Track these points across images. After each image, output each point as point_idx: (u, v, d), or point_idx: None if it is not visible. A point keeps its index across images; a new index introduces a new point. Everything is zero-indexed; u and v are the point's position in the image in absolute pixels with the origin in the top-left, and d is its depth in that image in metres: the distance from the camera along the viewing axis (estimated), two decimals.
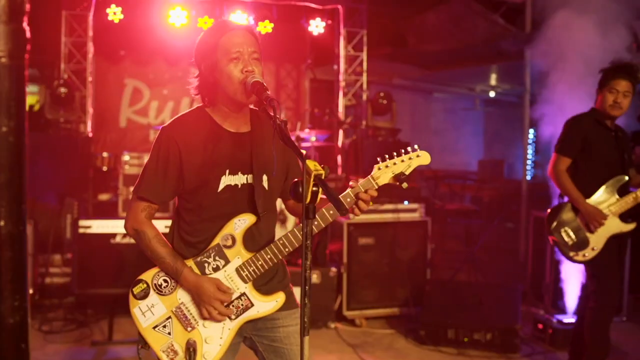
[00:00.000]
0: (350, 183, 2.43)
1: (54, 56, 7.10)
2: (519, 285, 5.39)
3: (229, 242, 2.38)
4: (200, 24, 7.32)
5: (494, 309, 5.02)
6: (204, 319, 2.38)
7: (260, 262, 2.38)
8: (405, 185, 2.45)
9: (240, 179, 2.40)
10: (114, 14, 7.03)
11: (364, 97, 7.72)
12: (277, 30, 7.72)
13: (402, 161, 2.43)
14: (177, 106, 9.24)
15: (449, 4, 7.56)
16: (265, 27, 7.46)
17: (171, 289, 2.39)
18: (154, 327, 2.38)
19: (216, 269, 2.38)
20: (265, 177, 2.45)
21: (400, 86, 10.96)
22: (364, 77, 7.82)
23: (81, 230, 4.91)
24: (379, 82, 10.34)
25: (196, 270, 2.37)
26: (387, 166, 2.43)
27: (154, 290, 2.39)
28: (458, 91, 11.28)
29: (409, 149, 2.49)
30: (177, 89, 9.19)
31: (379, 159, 2.46)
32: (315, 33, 7.67)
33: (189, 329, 2.38)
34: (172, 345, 2.39)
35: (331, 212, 2.41)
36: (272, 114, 2.10)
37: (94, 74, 9.01)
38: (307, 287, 1.87)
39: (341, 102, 7.83)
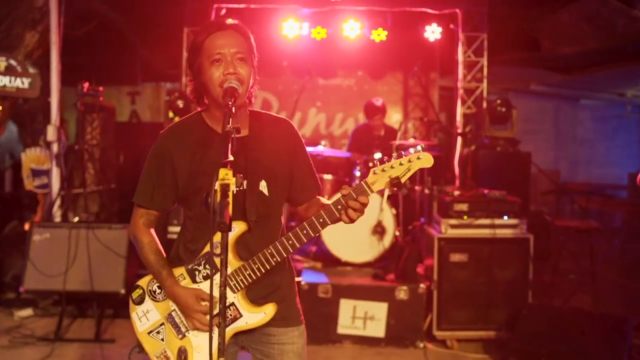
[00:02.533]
0: (342, 188, 2.26)
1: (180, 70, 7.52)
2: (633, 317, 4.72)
3: (219, 250, 2.31)
4: (314, 34, 7.37)
5: (597, 341, 4.43)
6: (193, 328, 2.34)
7: (248, 272, 2.29)
8: (404, 191, 2.23)
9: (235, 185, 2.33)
10: None
11: (485, 104, 7.27)
12: (402, 38, 7.60)
13: (401, 164, 2.19)
14: (304, 117, 9.41)
15: (580, 2, 6.87)
16: (379, 34, 7.31)
17: (164, 295, 2.38)
18: (149, 333, 2.39)
19: (207, 277, 2.32)
20: (264, 183, 2.35)
21: (539, 93, 10.20)
22: (484, 84, 7.37)
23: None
24: (513, 89, 9.72)
25: (187, 278, 2.33)
26: (383, 170, 2.21)
27: (149, 296, 2.40)
28: (607, 97, 10.23)
29: (410, 150, 2.26)
30: (305, 99, 9.36)
31: (375, 161, 2.25)
32: (431, 39, 7.38)
33: (181, 336, 2.35)
34: (165, 351, 2.38)
35: (321, 220, 2.26)
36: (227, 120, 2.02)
37: None
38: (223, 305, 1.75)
39: (459, 110, 7.44)
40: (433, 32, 7.32)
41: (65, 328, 5.20)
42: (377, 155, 6.23)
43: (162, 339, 2.37)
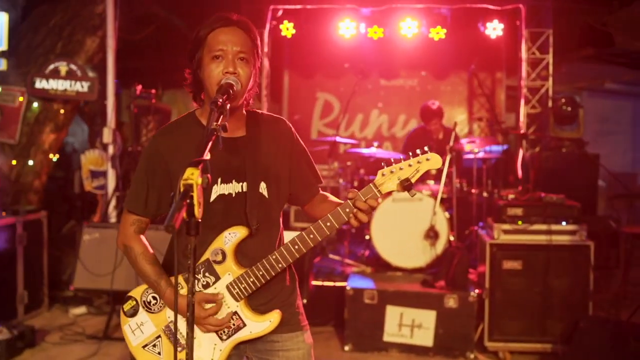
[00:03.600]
0: (350, 191, 2.15)
1: None
2: None
3: (219, 257, 2.22)
4: (370, 34, 7.24)
5: None
6: (195, 336, 2.25)
7: (251, 279, 2.19)
8: (413, 192, 2.11)
9: (234, 188, 2.24)
10: (287, 29, 7.27)
11: (550, 104, 6.90)
12: (464, 36, 7.37)
13: (410, 165, 2.11)
14: (366, 118, 9.28)
15: None
16: (438, 33, 7.10)
17: (160, 306, 2.29)
18: (144, 347, 2.30)
19: (206, 286, 2.23)
20: (263, 185, 2.26)
21: (615, 92, 9.61)
22: (549, 82, 6.99)
23: None
24: (587, 87, 9.20)
25: (185, 287, 2.22)
26: (392, 171, 2.12)
27: (143, 307, 2.30)
28: None
29: (417, 151, 2.13)
30: (367, 101, 9.22)
31: (383, 163, 2.15)
32: (492, 36, 7.08)
33: (180, 348, 2.24)
34: None
35: (328, 224, 2.15)
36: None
37: (289, 88, 9.50)
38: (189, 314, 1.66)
39: (522, 110, 7.10)
40: (494, 29, 7.04)
41: (114, 327, 5.28)
42: None
43: (159, 353, 2.28)
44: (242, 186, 2.24)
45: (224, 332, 2.23)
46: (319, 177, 2.46)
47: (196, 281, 2.24)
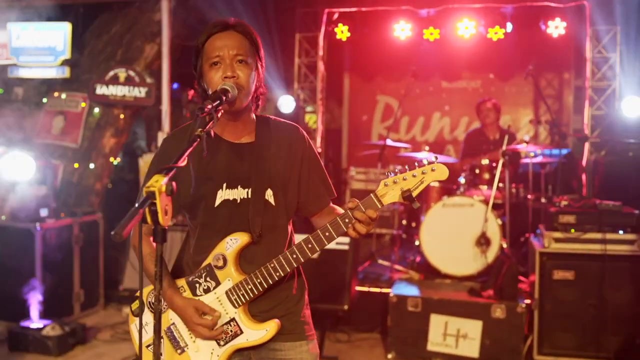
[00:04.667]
0: (350, 201, 2.09)
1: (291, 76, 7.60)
2: None
3: (220, 263, 2.21)
4: (426, 35, 7.09)
5: None
6: (194, 339, 2.26)
7: (249, 287, 2.17)
8: (416, 205, 2.03)
9: (239, 194, 2.22)
10: (341, 32, 7.23)
11: (616, 105, 6.53)
12: (527, 35, 7.13)
13: (414, 176, 2.02)
14: (427, 121, 9.12)
15: None
16: (496, 33, 6.86)
17: (164, 308, 2.29)
18: (147, 346, 2.30)
19: (207, 291, 2.22)
20: (270, 192, 2.23)
21: None
22: (617, 82, 6.62)
23: None
24: None
25: (188, 291, 2.24)
26: (395, 182, 2.04)
27: (148, 308, 2.31)
28: None
29: (424, 161, 2.05)
30: (428, 103, 9.06)
31: (387, 172, 2.07)
32: (555, 35, 6.78)
33: (179, 351, 2.26)
34: None
35: (327, 234, 2.11)
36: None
37: (349, 91, 9.46)
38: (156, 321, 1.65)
39: (587, 112, 6.75)
40: (556, 27, 6.73)
41: None
42: (484, 162, 5.90)
43: (161, 354, 2.30)
44: (247, 192, 2.21)
45: (222, 338, 2.22)
46: (331, 189, 2.39)
47: (197, 285, 2.25)
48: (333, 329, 5.44)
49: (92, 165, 6.63)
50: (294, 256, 2.13)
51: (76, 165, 6.56)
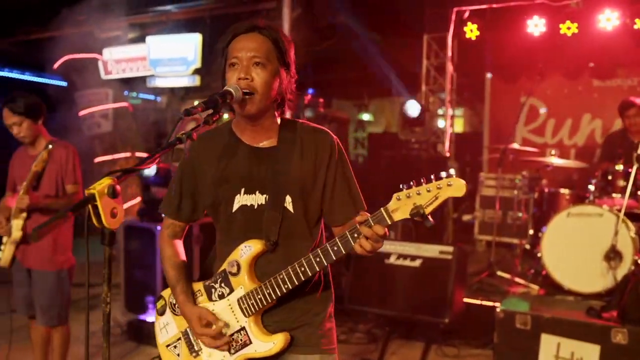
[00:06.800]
0: (360, 214, 1.96)
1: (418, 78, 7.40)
2: None
3: (234, 270, 2.18)
4: (563, 29, 6.53)
5: None
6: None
7: (259, 297, 2.12)
8: (429, 223, 1.84)
9: (257, 199, 2.18)
10: (470, 31, 6.91)
11: None
12: None
13: (428, 190, 1.84)
14: (576, 123, 8.46)
15: None
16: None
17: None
18: (167, 346, 2.35)
19: (221, 297, 2.21)
20: (289, 199, 2.17)
21: None
22: None
23: None
24: None
25: (204, 295, 2.24)
26: (408, 196, 1.87)
27: (169, 308, 2.36)
28: None
29: (442, 174, 1.86)
30: (577, 104, 8.37)
31: (401, 185, 1.90)
32: None
33: (194, 354, 2.28)
34: None
35: (335, 248, 1.99)
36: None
37: (491, 94, 9.01)
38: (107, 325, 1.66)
39: None
40: None
41: None
42: (619, 167, 5.30)
43: (178, 354, 2.31)
44: (265, 198, 2.16)
45: (232, 345, 2.18)
46: (359, 200, 2.25)
47: (213, 290, 2.23)
48: (442, 341, 5.19)
49: None
50: (302, 269, 2.04)
51: None
